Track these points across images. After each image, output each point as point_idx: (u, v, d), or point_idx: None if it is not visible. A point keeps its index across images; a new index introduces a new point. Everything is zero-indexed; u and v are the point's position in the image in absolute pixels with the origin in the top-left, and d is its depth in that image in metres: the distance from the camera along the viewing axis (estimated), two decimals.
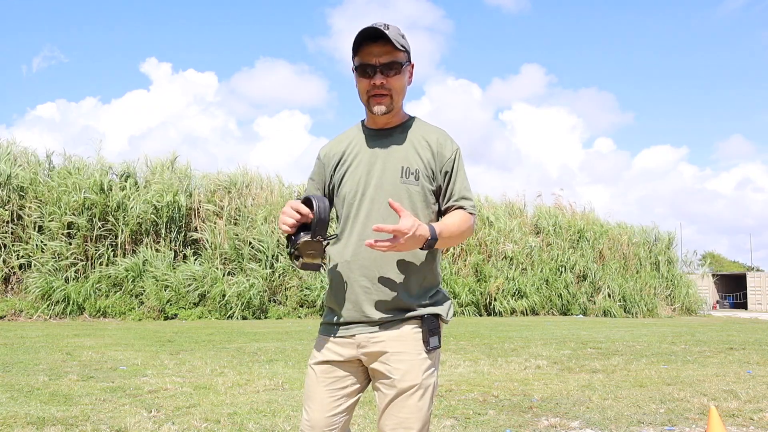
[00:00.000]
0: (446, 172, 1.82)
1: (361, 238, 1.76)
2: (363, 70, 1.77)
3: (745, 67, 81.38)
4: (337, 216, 1.93)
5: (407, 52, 1.80)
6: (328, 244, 1.71)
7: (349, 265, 1.77)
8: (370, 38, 1.74)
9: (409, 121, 1.89)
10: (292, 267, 14.56)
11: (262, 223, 14.82)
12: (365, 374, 1.83)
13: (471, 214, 1.82)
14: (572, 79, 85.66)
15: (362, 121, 1.93)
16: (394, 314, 1.75)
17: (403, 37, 1.78)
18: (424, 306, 1.78)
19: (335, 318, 1.83)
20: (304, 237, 1.68)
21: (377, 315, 1.75)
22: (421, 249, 1.69)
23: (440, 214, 1.87)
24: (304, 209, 1.70)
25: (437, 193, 1.84)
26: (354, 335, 1.77)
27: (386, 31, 1.72)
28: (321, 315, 2.01)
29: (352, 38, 1.78)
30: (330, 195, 1.94)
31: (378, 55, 1.74)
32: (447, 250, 17.62)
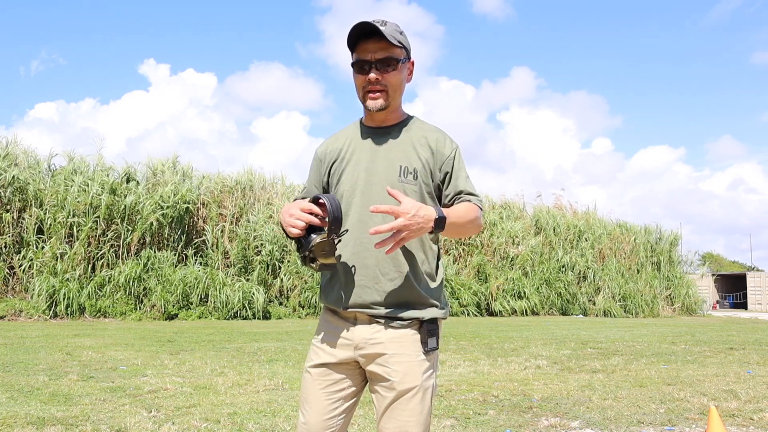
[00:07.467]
0: (447, 171, 1.79)
1: (359, 237, 1.74)
2: (360, 66, 1.76)
3: (732, 70, 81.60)
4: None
5: (405, 48, 1.77)
6: (339, 241, 1.65)
7: (349, 263, 1.76)
8: (365, 34, 1.73)
9: (408, 119, 1.87)
10: (295, 269, 14.55)
11: (265, 223, 14.83)
12: (362, 376, 1.80)
13: (478, 207, 1.78)
14: (561, 83, 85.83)
15: (360, 119, 1.90)
16: (395, 312, 1.73)
17: (401, 33, 1.75)
18: (425, 304, 1.75)
19: (333, 317, 1.81)
20: (318, 238, 1.60)
21: (377, 313, 1.73)
22: (431, 232, 1.60)
23: None
24: (317, 210, 1.64)
25: (436, 193, 1.81)
26: (352, 335, 1.75)
27: (381, 27, 1.70)
28: (320, 316, 1.92)
29: (344, 42, 1.77)
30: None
31: (373, 51, 1.73)
32: (447, 251, 17.63)
